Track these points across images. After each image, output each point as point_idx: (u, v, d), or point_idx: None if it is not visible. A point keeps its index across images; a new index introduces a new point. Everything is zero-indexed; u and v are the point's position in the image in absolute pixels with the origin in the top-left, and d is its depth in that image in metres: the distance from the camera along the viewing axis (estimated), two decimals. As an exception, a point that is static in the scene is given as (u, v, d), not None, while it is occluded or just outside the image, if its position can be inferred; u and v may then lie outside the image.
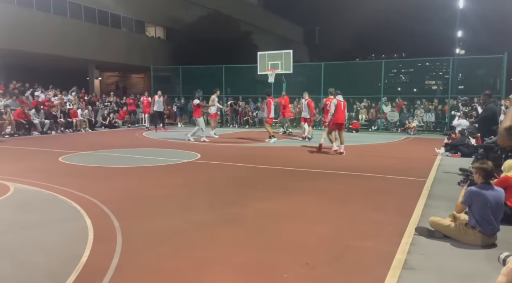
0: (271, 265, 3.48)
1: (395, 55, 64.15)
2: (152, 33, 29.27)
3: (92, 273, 3.26)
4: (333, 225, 4.59)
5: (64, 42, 21.01)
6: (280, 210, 5.19)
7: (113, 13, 24.75)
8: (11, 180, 6.72)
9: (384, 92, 19.67)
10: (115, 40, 24.69)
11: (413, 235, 4.21)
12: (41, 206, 5.36)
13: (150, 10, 27.41)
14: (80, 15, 22.59)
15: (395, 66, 48.48)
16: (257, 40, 32.55)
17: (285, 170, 8.10)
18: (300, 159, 9.72)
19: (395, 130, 18.55)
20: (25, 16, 19.26)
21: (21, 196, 5.79)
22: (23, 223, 4.59)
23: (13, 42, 18.47)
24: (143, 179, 7.18)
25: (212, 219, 4.76)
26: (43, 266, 3.41)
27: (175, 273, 3.32)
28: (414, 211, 5.10)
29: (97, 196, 5.68)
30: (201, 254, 3.70)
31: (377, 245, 3.95)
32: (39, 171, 7.77)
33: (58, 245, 3.91)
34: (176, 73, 24.60)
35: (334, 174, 7.77)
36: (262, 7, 45.89)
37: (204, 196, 5.97)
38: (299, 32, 53.07)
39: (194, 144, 12.40)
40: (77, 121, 17.16)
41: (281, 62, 17.75)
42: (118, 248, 3.81)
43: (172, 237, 4.14)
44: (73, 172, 7.74)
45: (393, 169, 8.27)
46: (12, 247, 3.84)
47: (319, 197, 5.91)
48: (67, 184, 6.41)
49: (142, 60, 26.27)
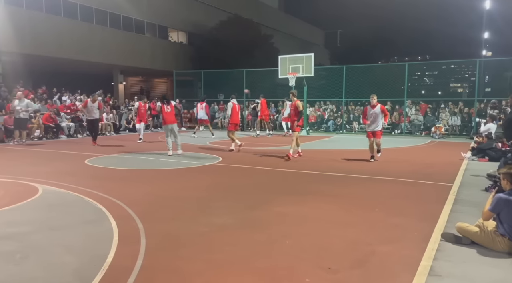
0: (293, 269, 3.46)
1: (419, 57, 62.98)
2: (175, 38, 29.75)
3: (117, 273, 3.33)
4: (356, 230, 4.53)
5: (90, 48, 21.63)
6: (301, 214, 5.16)
7: (137, 19, 25.30)
8: (40, 182, 6.94)
9: (407, 95, 19.33)
10: (139, 45, 25.23)
11: (439, 241, 4.11)
12: (68, 207, 5.51)
13: (173, 16, 27.89)
14: (105, 21, 23.20)
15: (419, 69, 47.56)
16: (278, 43, 32.60)
17: (307, 174, 8.06)
18: (322, 163, 9.65)
19: (419, 134, 18.19)
20: (53, 23, 19.94)
21: (49, 198, 5.97)
22: (51, 224, 4.72)
23: (41, 48, 19.14)
24: (165, 182, 7.28)
25: (233, 222, 4.78)
26: (71, 266, 3.50)
27: (197, 275, 3.35)
28: (440, 217, 4.98)
29: (122, 198, 5.80)
30: (222, 257, 3.71)
31: (402, 251, 3.88)
32: (66, 173, 7.99)
33: (84, 246, 4.01)
34: (198, 77, 24.89)
35: (357, 178, 7.68)
36: (283, 10, 45.99)
37: (225, 199, 6.00)
38: (320, 35, 52.89)
39: (215, 148, 12.48)
40: (102, 124, 17.58)
41: (302, 66, 17.71)
42: (142, 249, 3.87)
43: (194, 240, 4.18)
44: (98, 175, 7.92)
45: (418, 173, 8.10)
46: (41, 247, 3.96)
47: (342, 201, 5.85)
48: (93, 186, 6.57)
49: (164, 64, 26.73)
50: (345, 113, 20.39)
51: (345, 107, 20.63)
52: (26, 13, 18.86)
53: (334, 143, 14.88)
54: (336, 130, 19.96)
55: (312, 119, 20.67)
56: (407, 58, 55.01)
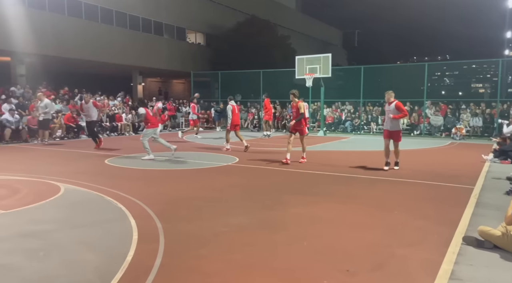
0: (310, 271, 3.45)
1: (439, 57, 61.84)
2: (193, 40, 30.01)
3: (137, 271, 3.38)
4: (375, 232, 4.48)
5: (110, 50, 22.03)
6: (318, 215, 5.14)
7: (156, 21, 25.63)
8: (62, 181, 7.11)
9: (427, 95, 19.00)
10: (157, 46, 25.56)
11: (460, 244, 4.03)
12: (89, 206, 5.63)
13: (191, 17, 28.15)
14: (125, 23, 23.59)
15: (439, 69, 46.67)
16: (295, 44, 32.52)
17: (324, 175, 8.01)
18: (339, 164, 9.58)
19: (439, 135, 17.86)
20: (74, 25, 20.38)
21: (70, 196, 6.10)
22: (72, 222, 4.83)
23: (63, 50, 19.60)
24: (183, 182, 7.35)
25: (251, 223, 4.79)
26: (92, 264, 3.57)
27: (216, 275, 3.37)
28: (461, 220, 4.88)
29: (141, 198, 5.88)
30: (241, 257, 3.73)
31: (422, 254, 3.82)
32: (87, 172, 8.15)
33: (105, 244, 4.09)
34: (215, 78, 25.05)
35: (375, 180, 7.59)
36: (300, 11, 45.84)
37: (242, 199, 6.02)
38: (338, 35, 52.50)
39: (233, 148, 12.53)
40: (122, 125, 17.89)
41: (319, 66, 17.64)
42: (160, 248, 3.92)
43: (212, 240, 4.21)
44: (118, 174, 8.06)
45: (438, 175, 7.96)
46: (63, 245, 4.05)
47: (360, 203, 5.80)
48: (112, 186, 6.69)
49: (182, 65, 27.00)
50: (363, 114, 20.19)
51: (362, 108, 20.42)
52: (48, 15, 19.35)
53: (351, 144, 14.75)
54: (353, 131, 19.79)
55: (329, 120, 20.54)
56: (427, 58, 54.10)
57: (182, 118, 22.66)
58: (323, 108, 19.24)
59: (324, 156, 11.48)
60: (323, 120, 19.31)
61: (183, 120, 22.66)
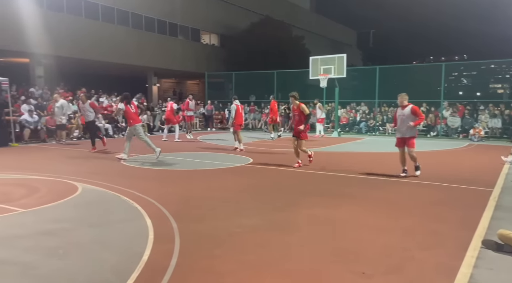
0: (324, 273, 3.43)
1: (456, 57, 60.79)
2: (207, 41, 30.17)
3: (153, 271, 3.41)
4: (391, 234, 4.43)
5: (126, 51, 22.32)
6: (333, 217, 5.11)
7: (171, 22, 25.86)
8: (79, 180, 7.23)
9: (444, 96, 18.71)
10: (172, 47, 25.79)
11: (479, 248, 3.96)
12: (106, 205, 5.71)
13: (205, 18, 28.31)
14: (140, 25, 23.87)
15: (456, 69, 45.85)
16: (309, 44, 32.38)
17: (338, 176, 7.96)
18: (353, 165, 9.51)
19: (456, 136, 17.56)
20: (92, 27, 20.71)
21: (88, 196, 6.20)
22: (90, 221, 4.91)
23: (80, 52, 19.94)
24: (198, 182, 7.39)
25: (264, 224, 4.79)
26: (109, 262, 3.63)
27: (230, 275, 3.38)
28: (479, 223, 4.79)
29: (156, 198, 5.94)
30: (255, 258, 3.73)
31: (439, 257, 3.76)
32: (104, 172, 8.28)
33: (121, 243, 4.14)
34: (229, 78, 25.14)
35: (390, 181, 7.51)
36: (314, 11, 45.64)
37: (256, 200, 6.03)
38: (353, 36, 52.09)
39: (247, 149, 12.55)
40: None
41: (334, 67, 17.53)
42: (176, 248, 3.95)
43: (226, 240, 4.22)
44: (134, 174, 8.15)
45: (456, 177, 7.82)
46: (81, 243, 4.12)
47: (374, 204, 5.74)
48: (129, 185, 6.77)
49: (197, 66, 27.18)
50: (378, 115, 19.98)
51: (378, 108, 20.22)
52: (66, 17, 19.69)
53: (366, 145, 14.62)
54: (368, 132, 19.61)
55: (343, 121, 20.40)
56: (444, 57, 53.26)
57: (196, 119, 22.80)
58: (337, 108, 19.12)
59: (339, 157, 11.40)
60: (337, 121, 19.18)
61: (197, 120, 22.81)
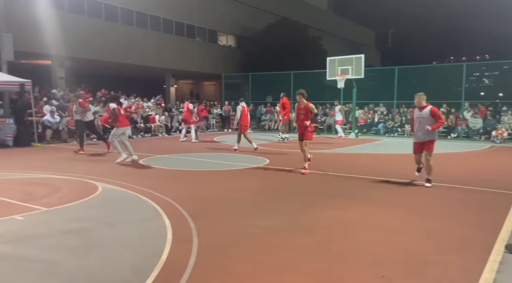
0: (344, 276, 3.40)
1: (477, 57, 59.39)
2: (224, 42, 30.34)
3: (172, 270, 3.45)
4: (411, 237, 4.36)
5: (145, 53, 22.64)
6: (351, 219, 5.06)
7: (188, 24, 26.12)
8: (99, 180, 7.36)
9: (465, 97, 18.32)
10: (190, 49, 26.04)
11: (502, 252, 3.86)
12: (125, 205, 5.80)
13: (222, 20, 28.48)
14: (159, 27, 24.17)
15: (478, 69, 44.81)
16: (326, 44, 32.19)
17: (355, 178, 7.88)
18: (371, 166, 9.40)
19: (478, 138, 17.17)
20: (111, 30, 21.09)
21: (108, 196, 6.31)
22: (110, 220, 4.99)
23: (99, 53, 20.32)
24: (215, 183, 7.43)
25: (281, 225, 4.78)
26: (128, 261, 3.68)
27: (248, 276, 3.38)
28: (503, 226, 4.67)
29: (174, 198, 6.00)
30: (273, 260, 3.72)
31: (461, 261, 3.68)
32: (123, 172, 8.41)
33: (141, 242, 4.19)
34: (246, 79, 25.20)
35: (410, 183, 7.39)
36: (331, 11, 45.35)
37: (273, 201, 6.02)
38: (370, 36, 51.55)
39: (263, 150, 12.56)
40: (155, 126, 18.32)
41: (351, 67, 17.39)
42: (194, 248, 3.98)
43: (244, 241, 4.23)
44: (152, 174, 8.26)
45: (478, 180, 7.65)
46: (101, 242, 4.19)
47: (394, 207, 5.66)
48: (147, 185, 6.86)
49: (214, 68, 27.35)
50: (396, 116, 19.70)
51: (396, 109, 19.94)
52: (86, 20, 20.11)
53: (384, 147, 14.43)
54: (386, 133, 19.36)
55: (361, 122, 20.19)
56: (464, 57, 52.13)
57: (213, 119, 22.95)
58: (355, 109, 18.93)
59: (356, 158, 11.29)
60: (355, 122, 19.00)
61: (214, 121, 22.95)
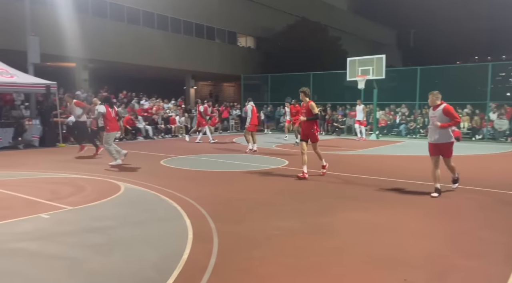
0: (366, 279, 3.36)
1: (503, 56, 57.71)
2: (243, 43, 30.45)
3: (193, 270, 3.48)
4: (434, 241, 4.27)
5: (165, 54, 22.95)
6: (373, 222, 4.99)
7: (208, 26, 26.33)
8: (121, 180, 7.50)
9: (490, 97, 17.83)
10: (209, 51, 26.25)
11: (531, 258, 3.75)
12: (147, 205, 5.89)
13: (242, 22, 28.59)
14: (179, 29, 24.47)
15: (504, 69, 43.58)
16: (346, 45, 31.89)
17: (376, 180, 7.77)
18: (393, 168, 9.26)
19: (504, 140, 16.68)
20: (132, 32, 21.48)
21: (130, 195, 6.42)
22: (132, 220, 5.08)
23: (121, 56, 20.72)
24: (234, 183, 7.47)
25: (303, 227, 4.76)
26: (151, 260, 3.73)
27: (270, 278, 3.38)
28: (531, 232, 4.53)
29: (194, 198, 6.06)
30: (295, 262, 3.71)
31: (486, 266, 3.59)
32: (144, 172, 8.54)
33: (162, 242, 4.25)
34: (265, 81, 25.22)
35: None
36: (352, 11, 44.90)
37: (293, 203, 6.00)
38: (392, 36, 50.80)
39: (282, 151, 12.53)
40: (175, 127, 18.55)
41: (372, 68, 17.19)
42: (215, 248, 4.01)
43: (264, 242, 4.23)
44: (173, 174, 8.36)
45: (503, 183, 7.44)
46: (124, 241, 4.27)
47: (417, 210, 5.56)
48: (168, 186, 6.95)
49: (233, 69, 27.48)
50: (419, 117, 19.34)
51: (418, 110, 19.58)
52: (109, 23, 20.55)
53: (406, 149, 14.19)
54: (408, 134, 19.03)
55: (382, 123, 19.91)
56: (490, 57, 50.74)
57: (233, 120, 23.05)
58: (375, 110, 18.69)
59: (378, 160, 11.14)
60: (375, 123, 18.75)
61: (233, 122, 23.05)
